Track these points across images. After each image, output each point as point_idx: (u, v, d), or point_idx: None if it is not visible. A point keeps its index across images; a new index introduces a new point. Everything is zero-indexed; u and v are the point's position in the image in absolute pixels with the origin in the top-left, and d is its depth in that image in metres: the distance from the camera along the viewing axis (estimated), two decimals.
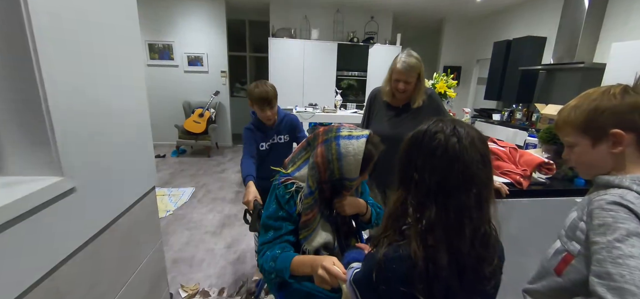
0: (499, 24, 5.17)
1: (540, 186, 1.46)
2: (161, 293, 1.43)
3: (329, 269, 0.76)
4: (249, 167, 1.52)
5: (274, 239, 0.97)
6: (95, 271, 0.93)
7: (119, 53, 1.03)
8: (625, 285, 0.51)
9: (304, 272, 0.86)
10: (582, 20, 3.42)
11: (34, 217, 0.69)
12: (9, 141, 0.73)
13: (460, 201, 0.56)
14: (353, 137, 0.92)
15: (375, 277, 0.59)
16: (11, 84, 0.69)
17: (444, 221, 0.56)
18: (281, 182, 1.01)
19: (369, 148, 0.91)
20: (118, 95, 1.02)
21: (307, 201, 0.95)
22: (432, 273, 0.55)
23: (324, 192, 0.98)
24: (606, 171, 0.68)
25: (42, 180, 0.73)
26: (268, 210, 1.01)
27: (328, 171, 0.93)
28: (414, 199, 0.60)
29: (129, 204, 1.11)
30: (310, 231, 0.97)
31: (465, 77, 5.95)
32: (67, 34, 0.79)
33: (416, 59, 1.49)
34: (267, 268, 0.92)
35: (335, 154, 0.91)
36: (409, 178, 0.61)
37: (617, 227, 0.56)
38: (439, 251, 0.56)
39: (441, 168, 0.57)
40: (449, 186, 0.57)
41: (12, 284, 0.65)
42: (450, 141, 0.57)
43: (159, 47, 5.16)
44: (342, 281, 0.74)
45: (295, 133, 1.78)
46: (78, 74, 0.83)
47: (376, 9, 5.38)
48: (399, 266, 0.58)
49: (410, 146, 0.63)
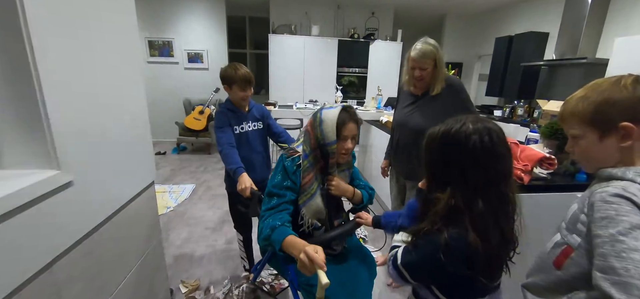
0: (500, 20, 5.13)
1: (541, 181, 1.45)
2: (161, 287, 1.44)
3: (310, 255, 0.80)
4: (235, 158, 1.52)
5: (277, 205, 1.08)
6: (94, 264, 0.93)
7: (116, 47, 1.02)
8: (630, 280, 0.50)
9: (291, 253, 0.92)
10: (585, 15, 3.39)
11: (31, 210, 0.69)
12: (5, 135, 0.73)
13: (499, 190, 0.65)
14: (332, 108, 1.14)
15: (443, 257, 0.64)
16: (7, 78, 0.69)
17: (491, 209, 0.64)
18: (287, 155, 1.16)
19: (342, 115, 1.11)
20: (115, 89, 1.02)
21: (305, 164, 1.12)
22: (488, 255, 0.64)
23: (318, 159, 1.15)
24: (612, 164, 0.66)
25: (38, 173, 0.73)
26: (274, 180, 1.13)
27: (315, 136, 1.13)
28: (462, 196, 0.66)
29: (128, 198, 1.10)
30: (309, 195, 1.13)
31: (467, 74, 5.92)
32: (64, 28, 0.79)
33: (431, 46, 1.46)
34: (265, 233, 1.01)
35: (318, 120, 1.12)
36: (454, 177, 0.67)
37: (621, 220, 0.55)
38: (490, 235, 0.64)
39: (483, 165, 0.64)
40: (490, 178, 0.65)
41: (10, 276, 0.65)
42: (485, 140, 0.64)
43: (158, 44, 5.15)
44: (320, 267, 0.78)
45: (267, 120, 1.78)
46: (74, 68, 0.83)
47: (377, 5, 5.35)
48: (461, 250, 0.64)
49: (445, 147, 0.69)
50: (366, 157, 3.68)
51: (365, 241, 2.41)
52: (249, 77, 1.57)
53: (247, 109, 1.67)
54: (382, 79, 5.26)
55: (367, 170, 3.65)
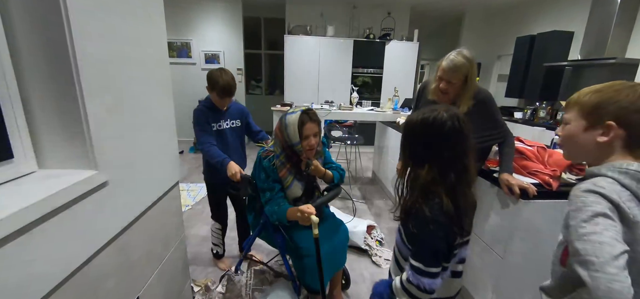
0: (521, 18, 4.97)
1: (570, 187, 1.39)
2: (184, 284, 1.47)
3: (303, 210, 1.24)
4: (218, 151, 1.65)
5: (271, 197, 1.40)
6: (126, 261, 0.96)
7: (148, 52, 1.06)
8: (587, 257, 0.58)
9: (294, 217, 1.31)
10: (614, 13, 3.24)
11: (72, 209, 0.72)
12: (48, 136, 0.76)
13: (465, 163, 0.80)
14: (294, 112, 1.34)
15: (431, 225, 0.78)
16: (51, 84, 0.72)
17: (458, 178, 0.79)
18: (263, 156, 1.42)
19: (302, 117, 1.32)
20: (147, 93, 1.05)
21: (277, 162, 1.38)
22: (460, 213, 0.79)
23: (290, 156, 1.40)
24: (590, 159, 0.74)
25: (78, 173, 0.76)
26: (260, 179, 1.43)
27: (283, 138, 1.36)
28: (438, 170, 0.80)
29: (156, 197, 1.14)
30: (287, 185, 1.41)
31: (485, 74, 5.77)
32: (102, 35, 0.82)
33: (465, 59, 1.33)
34: (272, 217, 1.39)
35: (283, 125, 1.35)
36: (431, 156, 0.81)
37: (585, 210, 0.62)
38: (459, 200, 0.79)
39: (454, 145, 0.79)
40: (458, 153, 0.79)
41: (52, 272, 0.68)
42: (455, 124, 0.77)
43: (177, 45, 5.27)
44: (310, 213, 1.22)
45: (246, 119, 1.88)
46: (111, 74, 0.86)
47: (393, 5, 5.29)
48: (441, 214, 0.78)
49: (425, 132, 0.82)
50: (382, 158, 3.65)
51: (382, 243, 2.39)
52: (229, 88, 1.66)
53: (225, 108, 1.76)
54: (398, 79, 5.20)
55: (382, 172, 3.62)
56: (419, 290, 0.80)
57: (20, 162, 0.73)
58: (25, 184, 0.70)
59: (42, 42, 0.70)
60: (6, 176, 0.70)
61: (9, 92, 0.69)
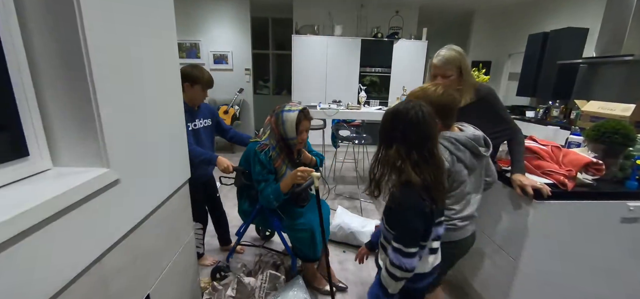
0: (534, 15, 4.86)
1: (586, 188, 1.35)
2: (194, 281, 1.49)
3: (303, 169, 1.47)
4: (201, 149, 1.71)
5: (265, 187, 1.56)
6: (137, 259, 0.98)
7: (159, 53, 1.07)
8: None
9: (288, 185, 1.52)
10: (631, 9, 3.13)
11: (85, 206, 0.73)
12: (63, 135, 0.78)
13: (428, 145, 0.92)
14: (291, 111, 1.54)
15: (404, 203, 0.94)
16: (65, 83, 0.74)
17: (423, 158, 0.92)
18: (258, 149, 1.56)
19: (299, 116, 1.53)
20: (158, 92, 1.06)
21: (273, 154, 1.57)
22: (427, 186, 0.91)
23: (283, 148, 1.60)
24: None
25: (91, 171, 0.77)
26: (255, 171, 1.58)
27: (278, 132, 1.57)
28: (404, 150, 0.92)
29: (167, 195, 1.15)
30: (281, 175, 1.59)
31: (496, 73, 5.66)
32: (115, 37, 0.83)
33: (455, 51, 1.37)
34: (270, 199, 1.55)
35: (281, 121, 1.54)
36: (398, 138, 0.94)
37: None
38: (424, 175, 0.91)
39: (418, 130, 0.92)
40: (423, 138, 0.92)
41: (66, 268, 0.69)
42: (419, 114, 0.91)
43: (186, 46, 5.34)
44: (308, 172, 1.46)
45: (216, 118, 1.95)
46: (124, 74, 0.87)
47: (401, 3, 5.24)
48: (414, 197, 0.91)
49: (393, 120, 0.95)
50: None
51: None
52: (212, 80, 1.77)
53: (197, 108, 1.79)
54: (406, 78, 5.15)
55: None
56: (401, 270, 0.93)
57: (35, 160, 0.75)
58: (41, 181, 0.72)
59: (56, 44, 0.71)
60: (22, 173, 0.72)
61: (25, 93, 0.71)
